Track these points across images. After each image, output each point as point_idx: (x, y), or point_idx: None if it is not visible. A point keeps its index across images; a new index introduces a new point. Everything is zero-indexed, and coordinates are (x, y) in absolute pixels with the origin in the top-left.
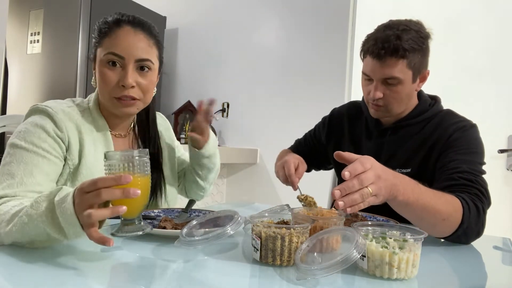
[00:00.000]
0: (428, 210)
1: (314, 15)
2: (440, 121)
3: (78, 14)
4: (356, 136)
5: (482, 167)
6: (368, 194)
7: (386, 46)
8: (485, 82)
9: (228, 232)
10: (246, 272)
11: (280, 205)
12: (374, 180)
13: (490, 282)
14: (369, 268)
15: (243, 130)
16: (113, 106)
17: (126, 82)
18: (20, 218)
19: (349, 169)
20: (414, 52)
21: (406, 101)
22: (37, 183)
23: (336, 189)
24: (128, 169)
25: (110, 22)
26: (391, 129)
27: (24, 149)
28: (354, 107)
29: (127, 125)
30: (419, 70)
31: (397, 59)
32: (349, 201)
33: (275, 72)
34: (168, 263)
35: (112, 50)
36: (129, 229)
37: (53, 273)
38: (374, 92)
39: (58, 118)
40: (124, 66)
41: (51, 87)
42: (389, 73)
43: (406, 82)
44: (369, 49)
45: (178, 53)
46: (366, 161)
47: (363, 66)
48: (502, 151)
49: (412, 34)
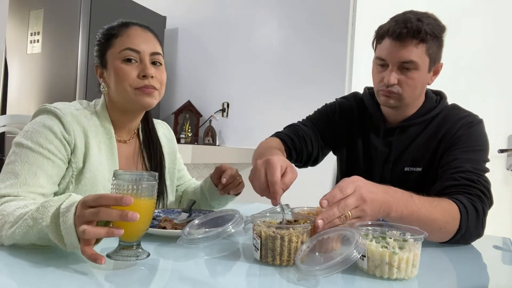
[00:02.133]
0: (423, 221)
1: (314, 15)
2: (446, 116)
3: (78, 14)
4: (363, 131)
5: (485, 165)
6: (347, 218)
7: (408, 26)
8: (485, 82)
9: (229, 231)
10: (246, 271)
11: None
12: (357, 204)
13: (490, 282)
14: (369, 268)
15: (243, 130)
16: (135, 97)
17: (148, 72)
18: (25, 221)
19: (326, 197)
20: (433, 39)
21: (419, 92)
22: (40, 185)
23: (319, 218)
24: (136, 191)
25: (116, 25)
26: (398, 128)
27: (30, 149)
28: (357, 101)
29: (132, 130)
30: (435, 60)
31: (417, 42)
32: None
33: (275, 72)
34: (168, 262)
35: (128, 46)
36: (124, 253)
37: (54, 272)
38: (389, 77)
39: (67, 120)
40: (141, 60)
41: (51, 87)
42: (407, 56)
43: (422, 69)
44: (389, 30)
45: (178, 53)
46: (346, 186)
47: (378, 51)
48: (502, 151)
49: (432, 21)
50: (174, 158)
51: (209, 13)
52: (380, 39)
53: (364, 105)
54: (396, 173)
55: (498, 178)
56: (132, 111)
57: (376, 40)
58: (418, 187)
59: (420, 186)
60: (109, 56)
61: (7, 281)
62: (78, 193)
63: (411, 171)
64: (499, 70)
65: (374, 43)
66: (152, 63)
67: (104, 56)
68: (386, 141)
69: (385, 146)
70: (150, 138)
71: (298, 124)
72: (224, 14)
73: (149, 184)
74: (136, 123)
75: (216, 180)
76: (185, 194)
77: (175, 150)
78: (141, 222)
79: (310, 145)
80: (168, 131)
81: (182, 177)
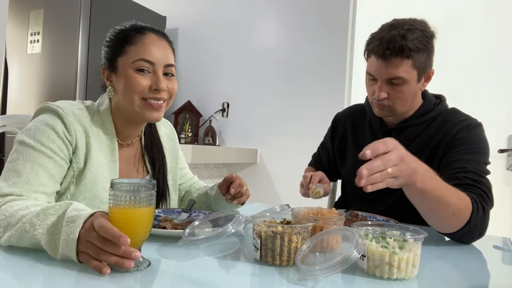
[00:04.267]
0: (441, 202)
1: (314, 15)
2: (445, 119)
3: (78, 14)
4: (360, 138)
5: (486, 167)
6: (388, 174)
7: (391, 46)
8: (485, 82)
9: (229, 231)
10: (247, 271)
11: (280, 205)
12: (396, 162)
13: (490, 282)
14: (369, 268)
15: (243, 130)
16: (141, 110)
17: (161, 86)
18: (23, 224)
19: (371, 148)
20: (419, 52)
21: (410, 101)
22: (42, 184)
23: (364, 168)
24: (134, 201)
25: (130, 29)
26: (396, 129)
27: (32, 147)
28: (357, 110)
29: (135, 136)
30: (424, 70)
31: (402, 59)
32: (371, 179)
33: (275, 72)
34: (169, 262)
35: (142, 57)
36: None
37: (55, 272)
38: (379, 92)
39: (68, 120)
40: (154, 71)
41: (51, 87)
42: (394, 73)
43: (411, 82)
44: (374, 49)
45: (178, 53)
46: (388, 142)
47: (368, 66)
48: (502, 151)
49: (418, 34)
50: (176, 157)
51: (209, 13)
52: (368, 56)
53: (365, 112)
54: None
55: (498, 178)
56: (136, 121)
57: (366, 56)
58: None
59: None
60: (120, 62)
61: (8, 281)
62: (79, 193)
63: None
64: (499, 70)
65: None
66: (164, 74)
67: (115, 60)
68: None
69: None
70: (152, 142)
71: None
72: (224, 14)
73: (147, 194)
74: (139, 130)
75: (224, 190)
76: (188, 195)
77: (177, 149)
78: (141, 231)
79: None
80: (170, 129)
81: (184, 175)
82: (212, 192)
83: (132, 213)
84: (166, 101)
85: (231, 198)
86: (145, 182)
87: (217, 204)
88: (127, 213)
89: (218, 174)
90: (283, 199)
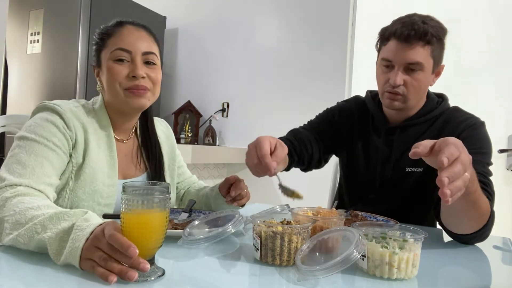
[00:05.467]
0: (476, 204)
1: (314, 15)
2: (448, 118)
3: (78, 14)
4: (364, 132)
5: (489, 168)
6: (468, 180)
7: (416, 28)
8: (486, 82)
9: (229, 231)
10: (247, 271)
11: (280, 205)
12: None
13: (490, 282)
14: (369, 268)
15: (243, 130)
16: (125, 99)
17: (137, 72)
18: (34, 225)
19: (446, 155)
20: (438, 41)
21: (422, 93)
22: (47, 175)
23: (445, 176)
24: (147, 206)
25: (111, 25)
26: (400, 127)
27: (34, 141)
28: (359, 104)
29: (130, 128)
30: (438, 61)
31: (423, 44)
32: (455, 189)
33: (275, 72)
34: (169, 262)
35: (119, 46)
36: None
37: (56, 272)
38: (395, 77)
39: (67, 116)
40: (132, 59)
41: (51, 87)
42: (414, 58)
43: (427, 70)
44: (396, 32)
45: (178, 53)
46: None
47: (384, 52)
48: (502, 151)
49: (436, 23)
50: (173, 154)
51: (209, 13)
52: (386, 41)
53: (366, 107)
54: (397, 173)
55: (498, 178)
56: (126, 112)
57: (381, 42)
58: (419, 188)
59: (421, 187)
60: (103, 56)
61: (9, 282)
62: (78, 188)
63: (412, 172)
64: (499, 70)
65: (378, 44)
66: (145, 62)
67: (100, 55)
68: (387, 141)
69: (386, 146)
70: (148, 138)
71: (298, 128)
72: (224, 14)
73: (161, 198)
74: (133, 123)
75: (225, 192)
76: (187, 194)
77: (174, 147)
78: (154, 237)
79: (310, 148)
80: (166, 128)
81: (182, 174)
82: (213, 193)
83: (145, 218)
84: (151, 90)
85: (231, 200)
86: (159, 186)
87: (217, 205)
88: (140, 218)
89: (218, 174)
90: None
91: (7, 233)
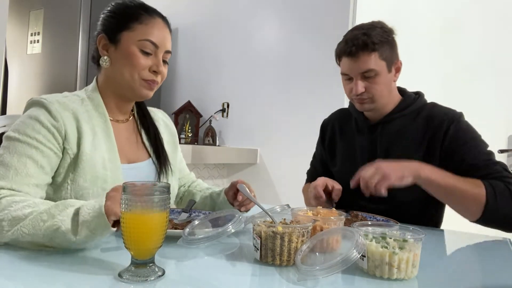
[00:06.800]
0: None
1: (314, 15)
2: (429, 114)
3: (78, 14)
4: (347, 135)
5: (488, 149)
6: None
7: (356, 42)
8: (485, 82)
9: (229, 231)
10: (247, 271)
11: (280, 205)
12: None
13: (490, 282)
14: (369, 268)
15: (243, 130)
16: (139, 87)
17: (161, 69)
18: (40, 214)
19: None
20: (383, 44)
21: (387, 92)
22: (31, 175)
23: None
24: (147, 206)
25: (138, 7)
26: (381, 123)
27: (17, 140)
28: (343, 112)
29: (127, 111)
30: (391, 61)
31: (369, 53)
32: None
33: (275, 72)
34: (169, 262)
35: (150, 38)
36: (137, 272)
37: (55, 272)
38: (356, 87)
39: (53, 108)
40: (156, 54)
41: (51, 87)
42: (364, 67)
43: (382, 72)
44: (342, 50)
45: (178, 53)
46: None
47: (341, 68)
48: (502, 151)
49: (377, 30)
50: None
51: (209, 13)
52: (339, 59)
53: (350, 113)
54: None
55: None
56: (129, 97)
57: (338, 60)
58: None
59: None
60: (125, 37)
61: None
62: (79, 176)
63: None
64: (499, 70)
65: (337, 61)
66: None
67: (118, 33)
68: (371, 138)
69: (370, 143)
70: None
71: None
72: (224, 14)
73: (160, 198)
74: (130, 105)
75: (231, 196)
76: (189, 195)
77: (174, 135)
78: (154, 237)
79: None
80: (167, 117)
81: (183, 169)
82: (219, 198)
83: (145, 218)
84: (158, 83)
85: (238, 205)
86: (159, 186)
87: (222, 209)
88: (140, 218)
89: (218, 174)
90: (283, 199)
91: (6, 231)
